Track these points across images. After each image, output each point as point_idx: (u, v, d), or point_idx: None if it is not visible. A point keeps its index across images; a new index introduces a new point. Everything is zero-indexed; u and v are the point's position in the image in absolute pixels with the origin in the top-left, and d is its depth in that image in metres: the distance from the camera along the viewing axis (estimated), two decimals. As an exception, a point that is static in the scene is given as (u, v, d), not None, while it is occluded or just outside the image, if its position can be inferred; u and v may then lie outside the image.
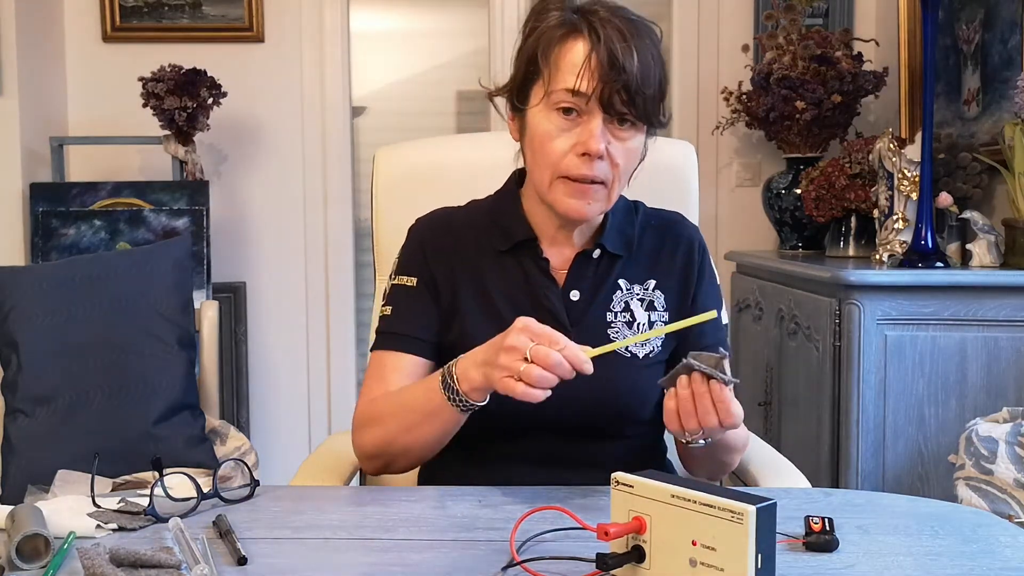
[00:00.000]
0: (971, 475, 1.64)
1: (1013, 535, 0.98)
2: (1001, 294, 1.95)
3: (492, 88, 1.27)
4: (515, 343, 1.01)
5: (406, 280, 1.28)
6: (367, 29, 3.24)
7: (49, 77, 2.98)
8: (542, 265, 1.25)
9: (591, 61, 1.13)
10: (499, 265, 1.27)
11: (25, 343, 1.79)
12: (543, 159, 1.18)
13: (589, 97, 1.14)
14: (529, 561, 0.88)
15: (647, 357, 1.25)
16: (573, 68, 1.14)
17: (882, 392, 1.98)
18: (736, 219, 3.13)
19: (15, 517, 0.93)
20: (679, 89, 3.12)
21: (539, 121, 1.18)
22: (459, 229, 1.30)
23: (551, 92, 1.16)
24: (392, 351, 1.25)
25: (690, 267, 1.29)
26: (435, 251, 1.28)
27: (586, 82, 1.13)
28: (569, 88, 1.14)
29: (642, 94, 1.14)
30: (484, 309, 1.25)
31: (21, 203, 2.80)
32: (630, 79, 1.13)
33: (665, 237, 1.30)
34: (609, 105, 1.14)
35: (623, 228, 1.28)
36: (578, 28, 1.16)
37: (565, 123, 1.16)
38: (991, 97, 2.33)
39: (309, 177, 3.14)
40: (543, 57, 1.17)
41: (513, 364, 1.00)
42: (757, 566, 0.77)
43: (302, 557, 0.92)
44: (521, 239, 1.26)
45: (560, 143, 1.16)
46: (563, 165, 1.17)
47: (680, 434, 1.06)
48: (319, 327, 3.17)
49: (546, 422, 1.21)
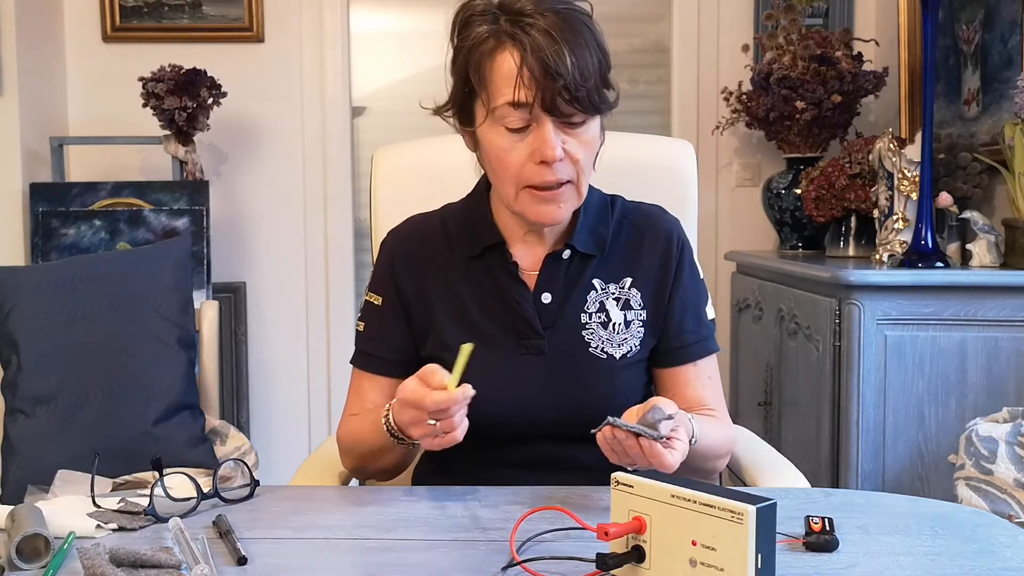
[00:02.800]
0: (971, 475, 1.64)
1: (1013, 535, 0.98)
2: (1001, 294, 1.95)
3: (433, 107, 1.24)
4: (409, 419, 1.06)
5: (374, 298, 1.29)
6: (367, 29, 3.24)
7: (49, 77, 2.98)
8: (511, 269, 1.24)
9: (523, 73, 1.10)
10: (470, 272, 1.26)
11: (25, 343, 1.79)
12: (503, 173, 1.17)
13: (531, 105, 1.11)
14: (529, 561, 0.88)
15: (624, 358, 1.23)
16: (508, 81, 1.11)
17: (882, 392, 1.97)
18: (736, 219, 3.13)
19: (15, 517, 0.93)
20: (679, 89, 3.12)
21: (490, 138, 1.16)
22: (430, 239, 1.29)
23: (493, 109, 1.14)
24: (364, 372, 1.29)
25: (668, 263, 1.26)
26: (405, 266, 1.27)
27: (523, 92, 1.11)
28: (509, 101, 1.12)
29: (583, 88, 1.11)
30: (457, 318, 1.24)
31: (21, 203, 2.79)
32: (568, 80, 1.10)
33: (643, 232, 1.27)
34: (553, 108, 1.12)
35: (595, 227, 1.25)
36: (504, 38, 1.12)
37: (515, 136, 1.14)
38: (991, 97, 2.33)
39: (309, 177, 3.13)
40: (476, 75, 1.15)
41: (427, 430, 1.04)
42: (757, 566, 0.77)
43: (302, 557, 0.92)
44: (489, 243, 1.25)
45: (516, 155, 1.15)
46: (524, 175, 1.15)
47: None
48: (319, 327, 3.17)
49: (532, 429, 1.22)
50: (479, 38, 1.14)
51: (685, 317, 1.26)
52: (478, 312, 1.24)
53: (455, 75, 1.19)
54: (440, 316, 1.25)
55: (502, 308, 1.24)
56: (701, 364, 1.27)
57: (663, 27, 3.18)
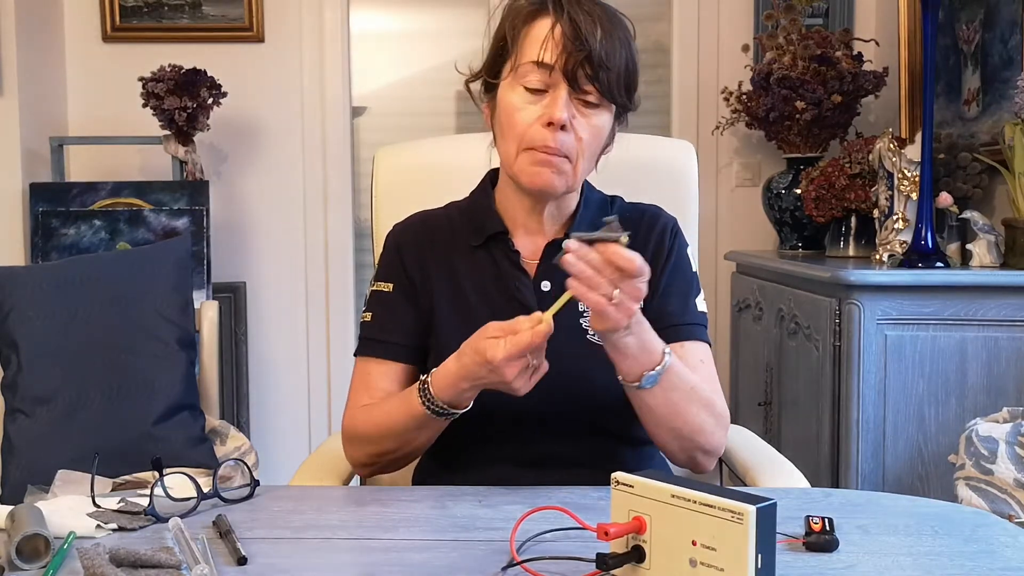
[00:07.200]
0: (971, 475, 1.64)
1: (1013, 535, 0.98)
2: (1001, 294, 1.95)
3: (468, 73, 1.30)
4: (519, 369, 1.05)
5: (383, 286, 1.30)
6: (367, 29, 3.24)
7: (49, 77, 2.98)
8: (513, 257, 1.26)
9: (554, 33, 1.16)
10: (472, 261, 1.28)
11: (25, 343, 1.79)
12: (509, 131, 1.20)
13: (553, 68, 1.16)
14: (529, 561, 0.88)
15: None
16: (537, 41, 1.17)
17: (882, 392, 1.98)
18: (736, 219, 3.13)
19: (15, 517, 0.93)
20: (679, 89, 3.12)
21: (506, 95, 1.21)
22: (434, 230, 1.32)
23: (518, 66, 1.19)
24: (373, 358, 1.27)
25: (660, 250, 1.29)
26: (411, 255, 1.29)
27: (549, 53, 1.16)
28: (533, 60, 1.16)
29: (606, 69, 1.15)
30: (458, 307, 1.26)
31: (21, 203, 2.80)
32: (593, 52, 1.14)
33: (640, 226, 1.30)
34: (573, 78, 1.16)
35: (595, 219, 1.28)
36: (545, 5, 1.18)
37: (531, 96, 1.18)
38: (991, 97, 2.33)
39: (309, 177, 3.14)
40: (511, 34, 1.20)
41: (527, 375, 1.06)
42: (757, 566, 0.77)
43: (302, 557, 0.92)
44: (492, 232, 1.28)
45: (525, 115, 1.18)
46: (528, 136, 1.18)
47: (603, 335, 1.06)
48: (319, 327, 3.17)
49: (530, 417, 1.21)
50: (524, 1, 1.21)
51: (670, 299, 1.27)
52: (478, 300, 1.25)
53: (494, 35, 1.24)
54: (441, 305, 1.27)
55: (503, 296, 1.25)
56: (689, 346, 1.24)
57: (663, 27, 3.18)
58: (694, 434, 1.17)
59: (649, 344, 1.09)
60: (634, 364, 1.09)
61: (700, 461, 1.21)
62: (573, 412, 1.22)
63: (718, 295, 3.06)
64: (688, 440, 1.17)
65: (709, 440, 1.19)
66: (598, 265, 1.00)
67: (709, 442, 1.19)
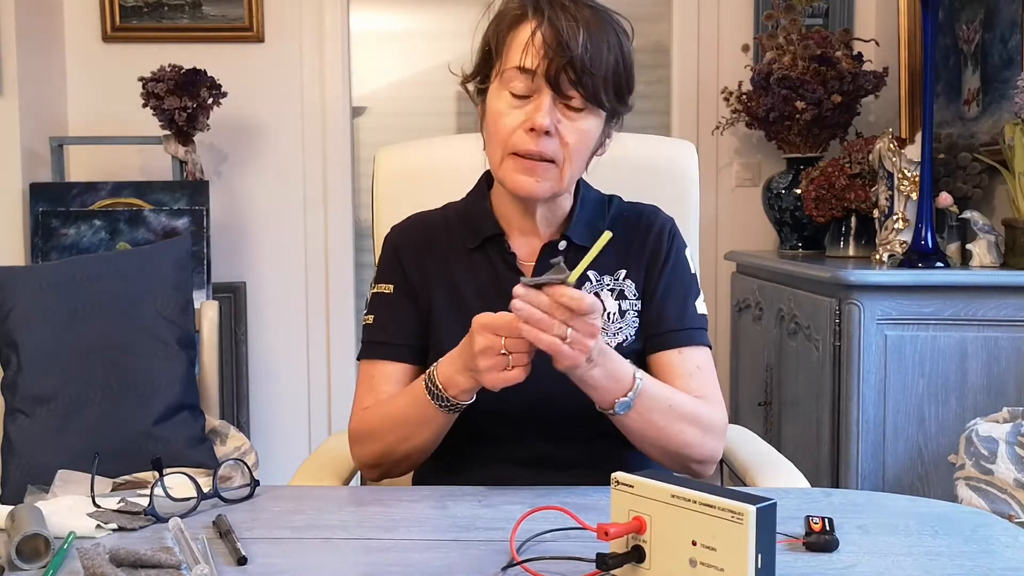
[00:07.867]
0: (971, 475, 1.64)
1: (1013, 535, 0.98)
2: (1001, 294, 1.95)
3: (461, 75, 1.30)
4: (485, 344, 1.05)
5: (384, 288, 1.30)
6: (367, 29, 3.24)
7: (49, 77, 2.98)
8: (509, 259, 1.27)
9: (534, 39, 1.15)
10: (469, 263, 1.28)
11: (25, 343, 1.79)
12: (495, 136, 1.20)
13: (535, 73, 1.15)
14: (529, 561, 0.88)
15: (620, 347, 1.24)
16: (520, 46, 1.17)
17: (882, 392, 1.97)
18: (736, 219, 3.13)
19: (15, 517, 0.93)
20: (679, 89, 3.12)
21: (493, 100, 1.21)
22: (432, 231, 1.32)
23: (503, 72, 1.19)
24: (377, 360, 1.27)
25: (658, 251, 1.29)
26: (409, 256, 1.30)
27: (531, 58, 1.15)
28: (517, 66, 1.16)
29: (590, 74, 1.15)
30: (455, 308, 1.26)
31: (21, 203, 2.80)
32: (575, 57, 1.13)
33: (637, 227, 1.30)
34: (556, 84, 1.15)
35: (591, 220, 1.28)
36: (531, 10, 1.18)
37: (516, 101, 1.18)
38: (991, 97, 2.33)
39: (309, 177, 3.13)
40: (496, 39, 1.21)
41: (496, 362, 1.05)
42: (757, 566, 0.77)
43: (302, 557, 0.92)
44: (489, 234, 1.28)
45: (510, 120, 1.18)
46: (512, 141, 1.18)
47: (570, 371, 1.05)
48: (319, 327, 3.17)
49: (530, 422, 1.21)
50: (511, 6, 1.20)
51: (667, 304, 1.27)
52: (475, 302, 1.25)
53: (483, 39, 1.24)
54: (439, 306, 1.27)
55: (499, 298, 1.24)
56: (687, 352, 1.25)
57: (663, 27, 3.18)
58: (680, 449, 1.18)
59: (616, 372, 1.10)
60: (605, 393, 1.10)
61: (695, 470, 1.22)
62: (573, 413, 1.22)
63: (718, 295, 3.07)
64: (676, 454, 1.19)
65: (698, 452, 1.19)
66: (548, 307, 1.01)
67: (698, 454, 1.20)
